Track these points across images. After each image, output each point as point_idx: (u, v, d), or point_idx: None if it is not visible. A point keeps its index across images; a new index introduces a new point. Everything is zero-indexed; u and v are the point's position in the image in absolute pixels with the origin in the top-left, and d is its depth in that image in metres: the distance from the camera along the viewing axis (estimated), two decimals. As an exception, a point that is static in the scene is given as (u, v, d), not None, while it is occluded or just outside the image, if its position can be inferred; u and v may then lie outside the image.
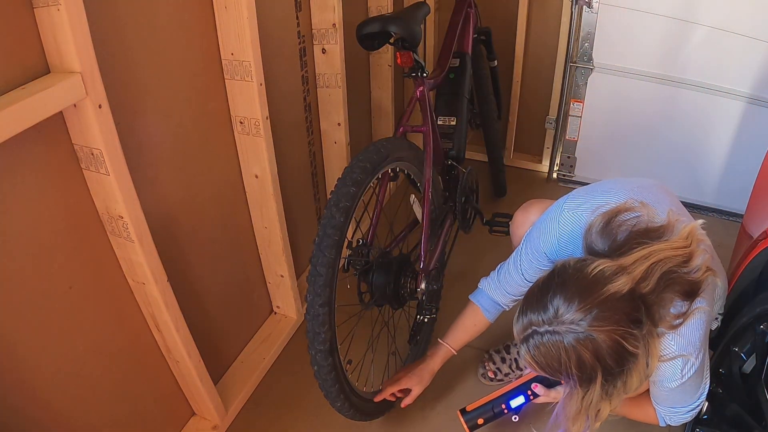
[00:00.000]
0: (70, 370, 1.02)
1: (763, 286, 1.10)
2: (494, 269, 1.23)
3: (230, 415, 1.42)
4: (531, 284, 1.00)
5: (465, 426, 1.06)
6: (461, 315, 1.28)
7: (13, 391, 0.91)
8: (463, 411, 1.10)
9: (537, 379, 1.09)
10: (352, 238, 1.22)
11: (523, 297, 1.17)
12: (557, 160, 2.38)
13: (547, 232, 1.03)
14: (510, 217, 1.69)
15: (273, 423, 1.43)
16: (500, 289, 1.19)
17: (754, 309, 1.06)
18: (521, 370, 1.50)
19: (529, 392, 1.07)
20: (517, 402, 1.06)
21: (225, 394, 1.43)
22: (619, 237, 0.84)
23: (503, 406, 1.06)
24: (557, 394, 1.10)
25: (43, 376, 0.97)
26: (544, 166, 2.46)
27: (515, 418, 1.07)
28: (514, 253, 1.16)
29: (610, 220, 0.85)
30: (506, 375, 1.50)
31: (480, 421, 1.09)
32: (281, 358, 1.61)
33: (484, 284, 1.23)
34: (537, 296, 0.84)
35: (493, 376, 1.50)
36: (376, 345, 1.45)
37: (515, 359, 1.51)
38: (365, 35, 1.33)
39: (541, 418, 1.29)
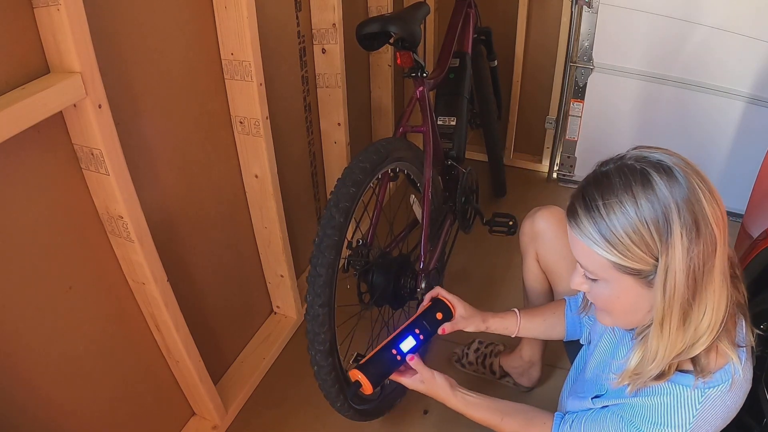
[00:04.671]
0: (70, 370, 1.02)
1: (763, 286, 1.10)
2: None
3: (230, 415, 1.42)
4: None
5: (367, 381, 0.99)
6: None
7: (13, 391, 0.91)
8: (358, 366, 1.03)
9: (423, 317, 1.05)
10: (351, 238, 1.22)
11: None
12: (557, 160, 2.38)
13: None
14: (510, 217, 1.70)
15: (273, 423, 1.43)
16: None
17: (754, 309, 1.06)
18: (485, 368, 1.51)
19: (417, 331, 1.02)
20: (407, 345, 1.00)
21: (225, 394, 1.43)
22: None
23: (394, 352, 1.01)
24: (463, 321, 1.04)
25: (43, 376, 0.97)
26: (544, 166, 2.46)
27: (410, 359, 0.98)
28: None
29: None
30: (470, 364, 1.53)
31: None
32: (281, 358, 1.61)
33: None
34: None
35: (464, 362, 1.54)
36: (376, 345, 1.45)
37: (484, 354, 1.52)
38: (365, 35, 1.33)
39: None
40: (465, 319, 1.08)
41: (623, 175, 0.70)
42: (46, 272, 0.94)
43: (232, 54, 1.24)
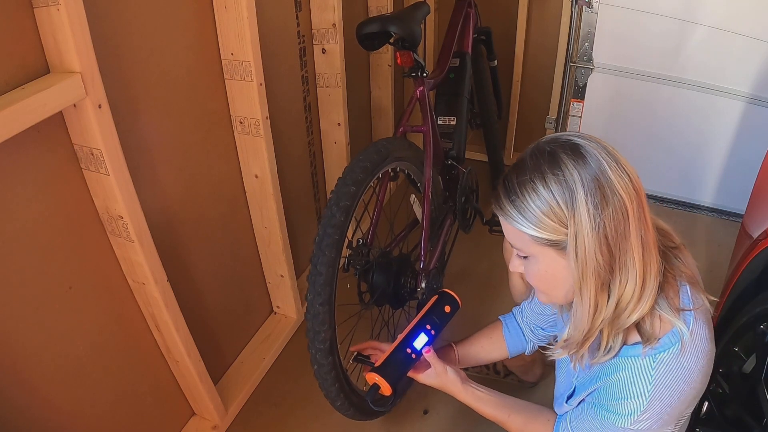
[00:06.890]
0: (70, 370, 1.02)
1: (763, 286, 1.10)
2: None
3: (230, 415, 1.42)
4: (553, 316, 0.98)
5: (385, 382, 0.98)
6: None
7: (14, 391, 0.92)
8: (375, 369, 1.04)
9: (432, 312, 1.07)
10: (352, 237, 1.22)
11: (544, 341, 1.12)
12: (557, 160, 2.38)
13: None
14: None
15: (273, 423, 1.43)
16: (527, 311, 1.13)
17: (754, 309, 1.06)
18: (489, 369, 1.51)
19: (428, 327, 1.05)
20: (420, 342, 1.02)
21: (225, 394, 1.43)
22: None
23: (408, 351, 1.01)
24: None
25: (43, 376, 0.97)
26: (544, 166, 2.46)
27: (426, 351, 1.01)
28: None
29: None
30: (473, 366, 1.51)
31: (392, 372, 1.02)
32: (281, 358, 1.61)
33: (515, 308, 1.18)
34: None
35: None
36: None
37: None
38: (365, 35, 1.33)
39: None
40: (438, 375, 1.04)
41: (534, 157, 0.76)
42: (46, 272, 0.94)
43: (232, 54, 1.24)
